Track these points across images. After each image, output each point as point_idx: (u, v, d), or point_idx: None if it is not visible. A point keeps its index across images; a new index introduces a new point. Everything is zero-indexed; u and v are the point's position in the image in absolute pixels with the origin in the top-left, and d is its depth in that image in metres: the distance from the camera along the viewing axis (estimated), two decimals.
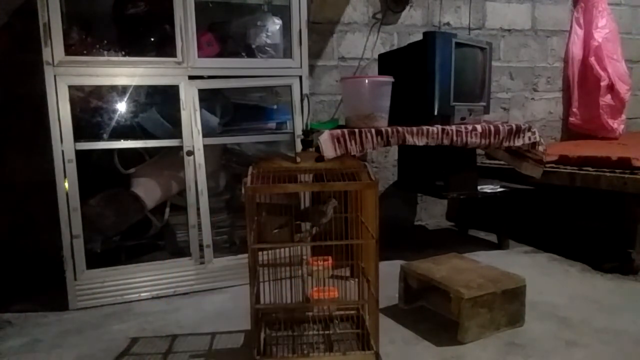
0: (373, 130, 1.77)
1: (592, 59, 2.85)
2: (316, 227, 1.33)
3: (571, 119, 2.99)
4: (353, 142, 1.74)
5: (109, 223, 1.89)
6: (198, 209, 1.81)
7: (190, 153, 1.78)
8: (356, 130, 1.75)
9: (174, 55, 1.73)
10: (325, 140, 1.70)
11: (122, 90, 1.86)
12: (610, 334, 1.36)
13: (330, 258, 1.52)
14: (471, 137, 1.90)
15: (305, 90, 1.91)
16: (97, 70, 1.67)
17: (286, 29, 1.94)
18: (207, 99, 1.90)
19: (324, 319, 1.39)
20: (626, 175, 1.87)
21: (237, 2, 2.12)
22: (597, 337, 1.34)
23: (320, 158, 1.33)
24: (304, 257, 1.47)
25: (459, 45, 1.97)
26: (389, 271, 1.58)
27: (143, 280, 1.76)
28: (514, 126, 1.99)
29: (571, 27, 2.97)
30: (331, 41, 2.53)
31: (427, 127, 1.84)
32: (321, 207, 1.31)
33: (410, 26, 2.65)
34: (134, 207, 1.87)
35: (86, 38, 1.78)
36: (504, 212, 2.25)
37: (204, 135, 1.80)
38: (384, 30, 2.60)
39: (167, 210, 1.96)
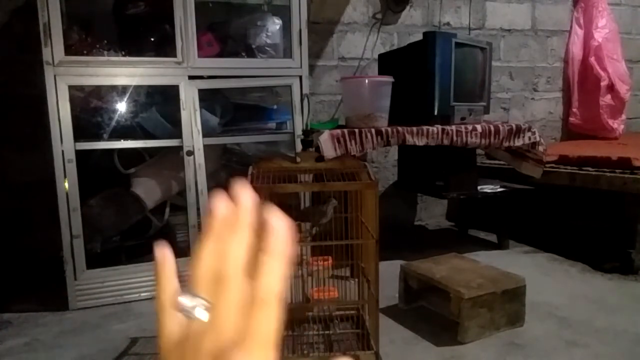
0: (373, 130, 1.77)
1: (592, 59, 2.85)
2: (316, 227, 1.33)
3: (571, 119, 2.99)
4: (353, 142, 1.73)
5: (109, 223, 1.89)
6: (198, 209, 1.80)
7: (190, 153, 1.78)
8: (356, 130, 1.75)
9: (174, 55, 1.73)
10: (325, 140, 1.70)
11: (122, 90, 1.87)
12: (610, 334, 1.36)
13: (330, 258, 1.52)
14: (471, 137, 1.90)
15: (305, 90, 1.91)
16: (97, 70, 1.67)
17: (286, 29, 1.94)
18: (207, 99, 1.90)
19: (324, 319, 1.39)
20: (626, 175, 1.87)
21: (237, 2, 2.12)
22: (597, 337, 1.34)
23: (320, 158, 1.33)
24: (304, 257, 1.47)
25: (459, 45, 1.96)
26: (389, 271, 1.58)
27: (143, 280, 1.75)
28: (514, 126, 1.99)
29: (571, 27, 2.96)
30: (331, 41, 2.52)
31: (427, 127, 1.84)
32: (321, 207, 1.31)
33: (410, 26, 2.65)
34: (134, 207, 1.87)
35: (86, 38, 1.77)
36: (504, 212, 2.25)
37: (204, 135, 1.80)
38: (384, 30, 2.60)
39: (167, 210, 1.96)
